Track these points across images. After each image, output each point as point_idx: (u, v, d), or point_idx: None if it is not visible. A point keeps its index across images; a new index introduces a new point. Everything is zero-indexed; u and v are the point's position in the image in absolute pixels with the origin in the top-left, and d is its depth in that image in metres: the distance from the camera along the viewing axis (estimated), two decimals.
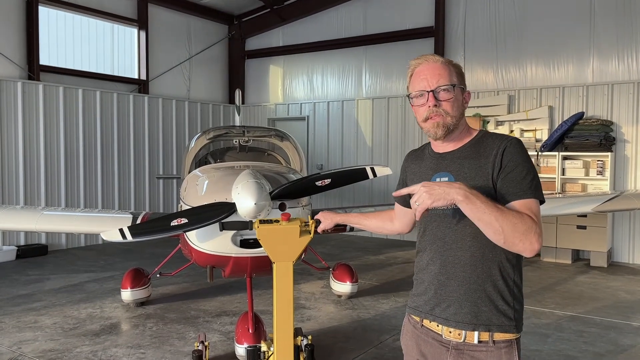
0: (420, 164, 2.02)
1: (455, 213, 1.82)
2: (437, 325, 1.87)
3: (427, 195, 1.60)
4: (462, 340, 1.82)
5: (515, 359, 1.81)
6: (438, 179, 1.88)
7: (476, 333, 1.80)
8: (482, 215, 1.61)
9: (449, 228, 1.85)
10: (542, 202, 1.78)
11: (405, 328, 2.05)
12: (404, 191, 1.74)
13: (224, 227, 3.59)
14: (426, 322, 1.92)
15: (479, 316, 1.80)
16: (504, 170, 1.77)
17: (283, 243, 2.74)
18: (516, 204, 1.72)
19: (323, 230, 2.61)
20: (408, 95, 1.94)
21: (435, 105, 1.84)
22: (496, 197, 1.76)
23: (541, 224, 1.70)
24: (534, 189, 1.75)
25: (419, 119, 1.91)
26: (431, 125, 1.87)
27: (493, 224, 1.61)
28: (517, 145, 1.81)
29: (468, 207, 1.61)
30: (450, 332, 1.84)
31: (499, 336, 1.80)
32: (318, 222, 2.58)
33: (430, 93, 1.85)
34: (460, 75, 1.91)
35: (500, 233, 1.61)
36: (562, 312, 5.54)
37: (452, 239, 1.84)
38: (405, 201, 2.16)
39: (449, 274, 1.84)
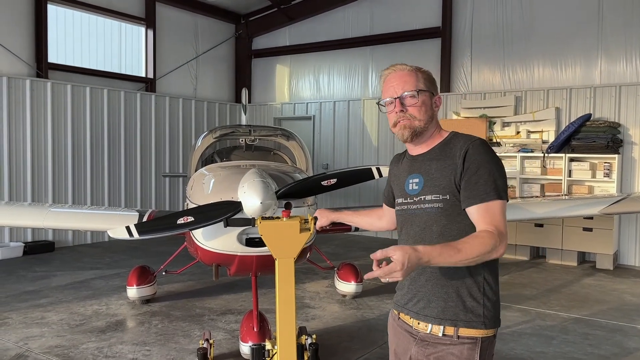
0: (399, 167, 2.14)
1: (423, 212, 1.92)
2: (410, 318, 1.98)
3: (399, 274, 1.60)
4: (428, 332, 1.90)
5: (475, 357, 1.84)
6: (410, 181, 2.00)
7: (442, 327, 1.87)
8: (448, 264, 1.69)
9: (418, 226, 1.95)
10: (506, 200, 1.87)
11: (389, 320, 2.16)
12: (378, 255, 1.64)
13: (228, 223, 3.62)
14: (402, 315, 2.03)
15: (446, 311, 1.87)
16: (467, 173, 1.84)
17: (284, 239, 2.81)
18: (478, 207, 1.80)
19: (321, 228, 2.67)
20: (378, 103, 2.05)
21: (402, 111, 1.95)
22: (460, 198, 1.85)
23: (506, 226, 1.79)
24: (497, 190, 1.81)
25: (390, 124, 2.02)
26: (399, 128, 1.98)
27: (460, 264, 1.71)
28: (479, 146, 1.87)
29: (431, 265, 1.68)
30: (418, 323, 1.94)
31: (464, 332, 1.86)
32: (317, 220, 2.65)
33: (397, 100, 1.95)
34: (429, 81, 1.99)
35: (468, 263, 1.71)
36: (568, 314, 5.53)
37: (421, 237, 1.94)
38: (389, 201, 2.29)
39: (418, 270, 1.92)
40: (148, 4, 10.40)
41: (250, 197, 3.37)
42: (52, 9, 9.02)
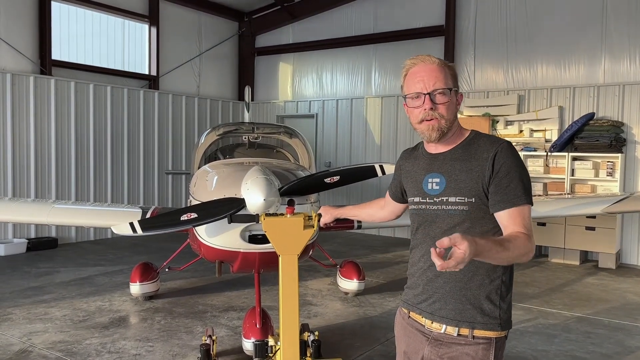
0: (414, 163, 2.06)
1: (446, 214, 1.88)
2: (422, 318, 1.94)
3: (454, 264, 1.46)
4: (442, 331, 1.88)
5: (490, 357, 1.84)
6: (430, 180, 1.93)
7: (457, 328, 1.85)
8: (491, 261, 1.65)
9: (440, 228, 1.90)
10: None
11: (396, 319, 2.13)
12: (446, 244, 1.48)
13: (232, 219, 3.63)
14: (413, 314, 2.00)
15: (463, 313, 1.85)
16: (497, 176, 1.80)
17: (287, 235, 2.83)
18: (510, 211, 1.78)
19: (325, 224, 2.68)
20: (404, 96, 1.94)
21: (432, 109, 1.85)
22: (487, 200, 1.82)
23: (532, 229, 1.78)
24: (526, 194, 1.80)
25: (414, 120, 1.92)
26: (426, 127, 1.88)
27: (500, 262, 1.69)
28: (508, 149, 1.85)
29: (478, 259, 1.59)
30: (432, 323, 1.91)
31: (479, 332, 1.84)
32: (321, 217, 2.66)
33: (427, 96, 1.85)
34: (455, 78, 1.92)
35: (505, 263, 1.71)
36: (570, 313, 5.53)
37: (441, 237, 1.86)
38: (396, 196, 2.26)
39: (436, 271, 1.88)
40: (152, 2, 10.40)
41: (254, 194, 3.37)
42: (55, 6, 9.03)
